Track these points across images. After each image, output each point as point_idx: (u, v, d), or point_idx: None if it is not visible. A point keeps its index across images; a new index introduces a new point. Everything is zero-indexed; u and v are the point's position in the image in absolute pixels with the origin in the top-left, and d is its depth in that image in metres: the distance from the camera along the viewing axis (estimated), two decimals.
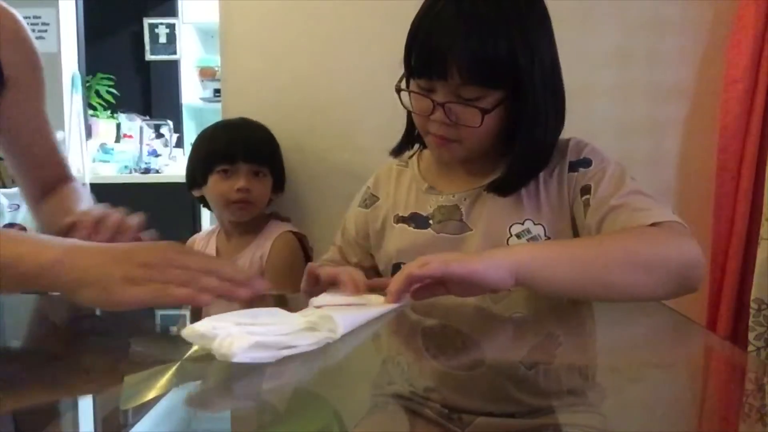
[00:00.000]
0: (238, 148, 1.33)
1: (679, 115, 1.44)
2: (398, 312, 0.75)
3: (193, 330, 0.55)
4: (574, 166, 0.94)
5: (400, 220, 1.03)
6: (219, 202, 1.36)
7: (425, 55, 0.88)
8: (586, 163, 0.94)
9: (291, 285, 1.34)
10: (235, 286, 0.62)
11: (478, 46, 0.84)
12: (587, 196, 0.91)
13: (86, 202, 1.02)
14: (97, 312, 0.76)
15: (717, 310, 1.45)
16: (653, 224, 0.82)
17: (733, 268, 1.42)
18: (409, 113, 0.98)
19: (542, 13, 0.92)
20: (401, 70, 0.93)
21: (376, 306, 0.74)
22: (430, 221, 0.99)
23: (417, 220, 1.01)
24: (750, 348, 1.40)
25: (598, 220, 0.88)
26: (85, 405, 0.52)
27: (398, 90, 0.94)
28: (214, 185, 1.35)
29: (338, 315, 0.64)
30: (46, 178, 1.03)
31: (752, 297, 1.39)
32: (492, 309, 0.81)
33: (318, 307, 0.70)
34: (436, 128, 0.91)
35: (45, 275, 0.60)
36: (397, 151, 1.06)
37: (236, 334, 0.54)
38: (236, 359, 0.52)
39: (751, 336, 1.40)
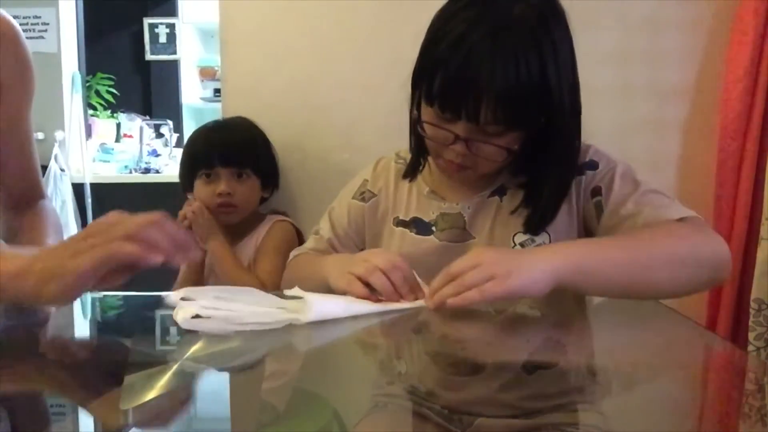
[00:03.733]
0: (216, 152, 1.32)
1: (679, 115, 1.44)
2: (396, 313, 0.75)
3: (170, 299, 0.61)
4: (580, 169, 0.92)
5: (400, 223, 1.00)
6: (204, 205, 1.36)
7: (456, 93, 0.82)
8: (593, 165, 0.93)
9: (277, 266, 1.33)
10: (176, 247, 0.61)
11: (515, 90, 0.79)
12: (599, 198, 0.90)
13: (55, 229, 1.01)
14: (98, 316, 0.76)
15: (717, 310, 1.45)
16: (678, 220, 0.83)
17: (733, 268, 1.42)
18: (417, 134, 0.94)
19: (569, 37, 0.86)
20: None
21: (365, 303, 0.74)
22: (433, 228, 0.97)
23: (419, 226, 0.99)
24: (750, 348, 1.40)
25: (617, 221, 0.87)
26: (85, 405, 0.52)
27: (415, 121, 0.89)
28: (198, 190, 1.36)
29: (317, 301, 0.67)
30: (19, 190, 1.01)
31: (752, 297, 1.39)
32: (493, 309, 0.81)
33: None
34: (453, 156, 0.88)
35: (11, 286, 0.60)
36: (410, 174, 1.02)
37: (186, 305, 0.60)
38: (184, 326, 0.58)
39: (751, 336, 1.40)
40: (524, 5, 0.81)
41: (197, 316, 0.61)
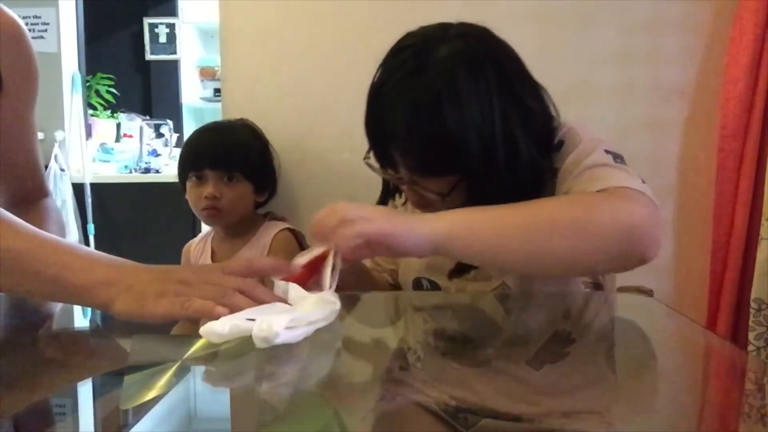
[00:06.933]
0: (205, 155, 1.32)
1: (679, 115, 1.44)
2: (398, 310, 0.75)
3: (211, 328, 0.57)
4: (548, 153, 0.87)
5: None
6: (193, 208, 1.36)
7: (374, 144, 0.83)
8: (558, 146, 0.87)
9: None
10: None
11: (416, 141, 0.78)
12: (555, 179, 0.86)
13: (57, 228, 1.02)
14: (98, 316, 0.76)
15: (717, 310, 1.45)
16: (601, 191, 0.74)
17: (733, 268, 1.42)
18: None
19: (491, 86, 0.79)
20: None
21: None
22: None
23: None
24: (750, 348, 1.40)
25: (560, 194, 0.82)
26: (85, 405, 0.52)
27: (367, 162, 0.88)
28: (189, 192, 1.36)
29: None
30: (22, 188, 1.02)
31: (752, 297, 1.39)
32: (494, 310, 0.81)
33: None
34: (409, 196, 0.88)
35: (91, 292, 0.62)
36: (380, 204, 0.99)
37: (269, 319, 0.57)
38: (279, 339, 0.56)
39: (751, 336, 1.40)
40: (446, 50, 0.79)
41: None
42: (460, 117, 0.76)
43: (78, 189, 3.10)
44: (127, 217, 3.19)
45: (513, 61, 0.85)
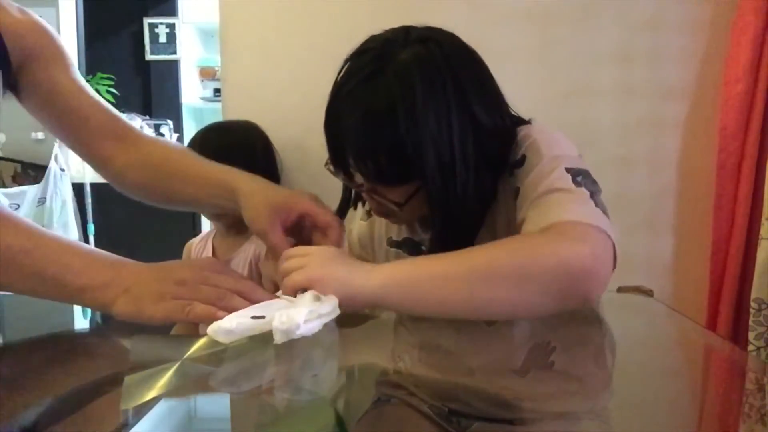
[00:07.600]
0: (211, 153, 1.32)
1: (679, 115, 1.44)
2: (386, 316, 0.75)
3: (219, 326, 0.58)
4: (511, 168, 0.83)
5: (394, 244, 0.97)
6: None
7: (330, 149, 0.81)
8: (521, 161, 0.82)
9: None
10: None
11: (374, 149, 0.76)
12: (517, 201, 0.82)
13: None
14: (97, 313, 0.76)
15: (717, 310, 1.45)
16: (548, 227, 0.71)
17: (733, 268, 1.42)
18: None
19: (447, 95, 0.77)
20: None
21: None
22: (423, 248, 0.93)
23: (410, 246, 0.95)
24: (750, 348, 1.40)
25: (518, 224, 0.79)
26: (85, 405, 0.52)
27: (329, 168, 0.86)
28: None
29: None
30: (116, 128, 0.95)
31: (752, 297, 1.39)
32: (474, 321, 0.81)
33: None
34: (369, 204, 0.87)
35: (90, 293, 0.62)
36: (342, 213, 0.94)
37: (289, 313, 0.57)
38: (299, 332, 0.57)
39: (751, 336, 1.40)
40: (405, 56, 0.77)
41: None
42: (414, 125, 0.75)
43: (78, 189, 3.10)
44: (127, 217, 3.19)
45: (473, 70, 0.82)
